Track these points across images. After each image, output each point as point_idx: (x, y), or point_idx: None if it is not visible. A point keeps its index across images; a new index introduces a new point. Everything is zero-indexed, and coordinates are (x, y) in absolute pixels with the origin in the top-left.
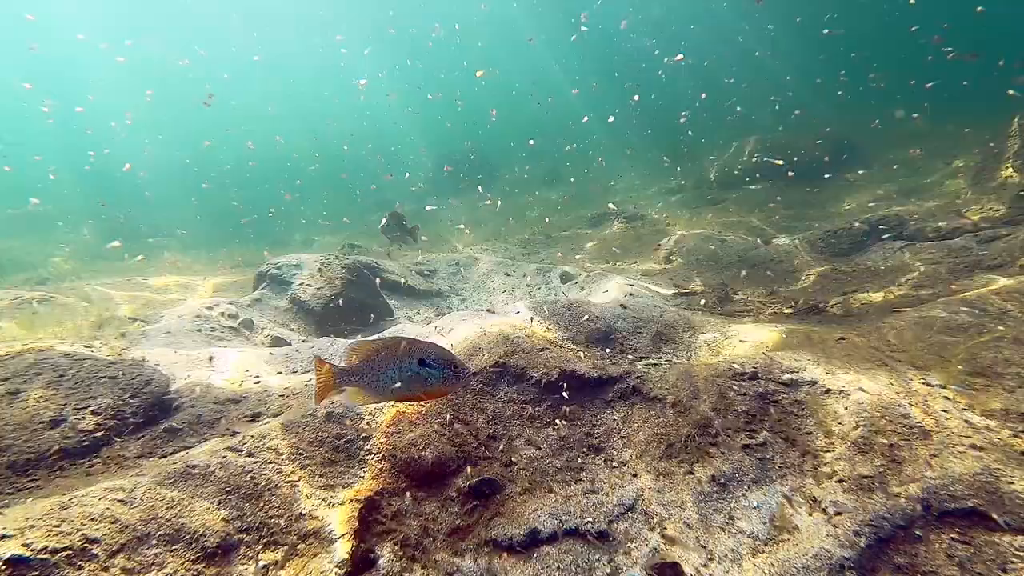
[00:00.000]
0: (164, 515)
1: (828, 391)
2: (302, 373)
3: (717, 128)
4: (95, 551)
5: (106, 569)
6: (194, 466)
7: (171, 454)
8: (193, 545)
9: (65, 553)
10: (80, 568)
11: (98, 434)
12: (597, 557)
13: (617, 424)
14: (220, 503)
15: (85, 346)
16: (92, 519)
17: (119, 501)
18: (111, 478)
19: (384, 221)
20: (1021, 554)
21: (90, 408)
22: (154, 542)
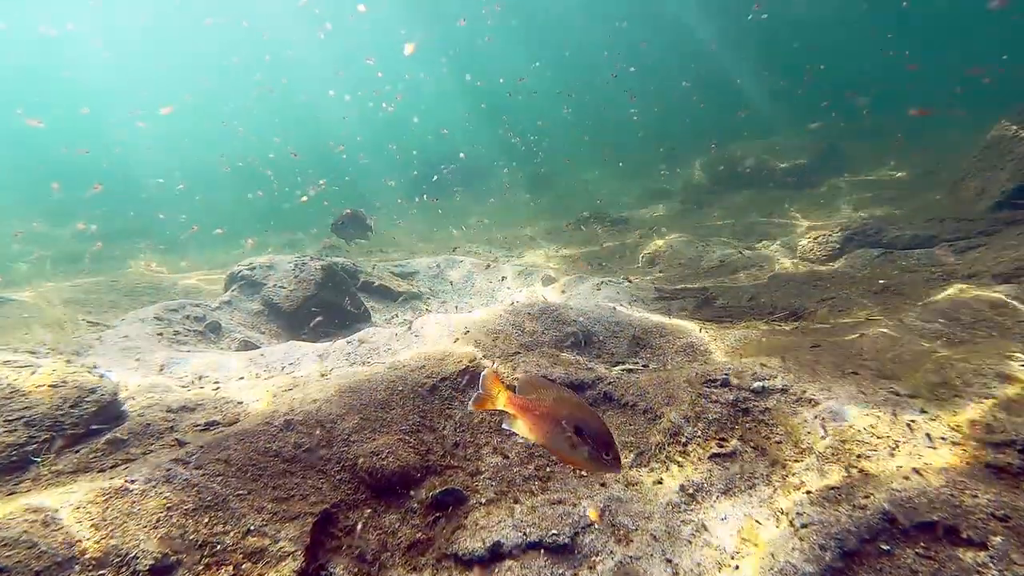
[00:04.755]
0: (92, 536)
1: (798, 399)
2: (266, 379)
3: (703, 133)
4: None
5: None
6: (133, 480)
7: (111, 468)
8: (123, 569)
9: None
10: None
11: (30, 447)
12: (560, 572)
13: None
14: (160, 520)
15: (29, 352)
16: (5, 544)
17: (41, 523)
18: (38, 496)
19: (340, 218)
20: (983, 570)
21: (23, 419)
22: (78, 567)
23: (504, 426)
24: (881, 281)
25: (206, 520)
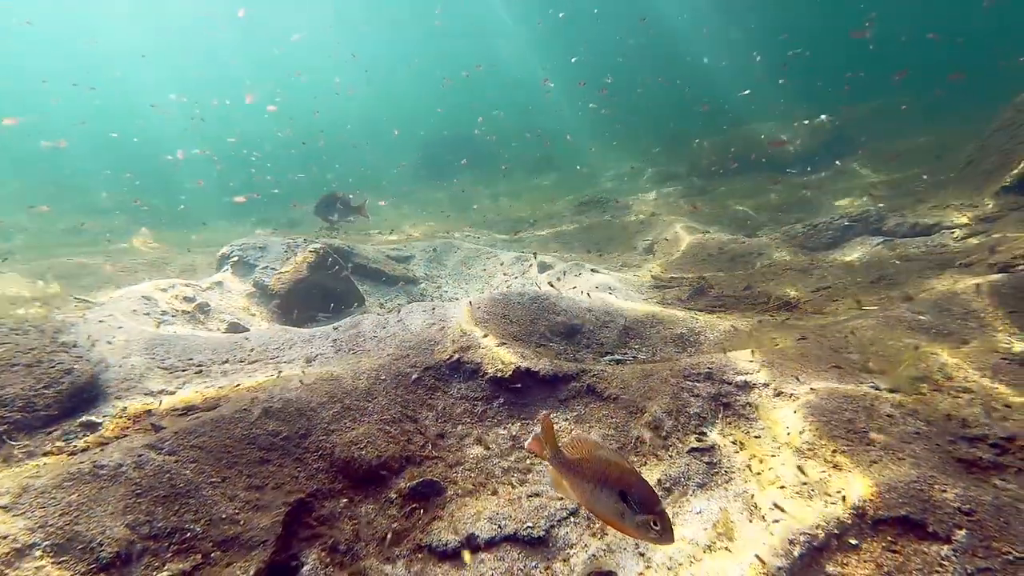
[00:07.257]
0: (55, 522)
1: (779, 394)
2: (249, 363)
3: (706, 116)
4: None
5: None
6: (103, 466)
7: (83, 451)
8: (86, 556)
9: None
10: None
11: (1, 427)
12: (534, 564)
13: (569, 424)
14: (128, 507)
15: (12, 328)
16: None
17: (1, 507)
18: (2, 478)
19: (321, 200)
20: (946, 563)
21: None
22: (38, 553)
23: (548, 484)
24: (877, 270)
25: (177, 507)
